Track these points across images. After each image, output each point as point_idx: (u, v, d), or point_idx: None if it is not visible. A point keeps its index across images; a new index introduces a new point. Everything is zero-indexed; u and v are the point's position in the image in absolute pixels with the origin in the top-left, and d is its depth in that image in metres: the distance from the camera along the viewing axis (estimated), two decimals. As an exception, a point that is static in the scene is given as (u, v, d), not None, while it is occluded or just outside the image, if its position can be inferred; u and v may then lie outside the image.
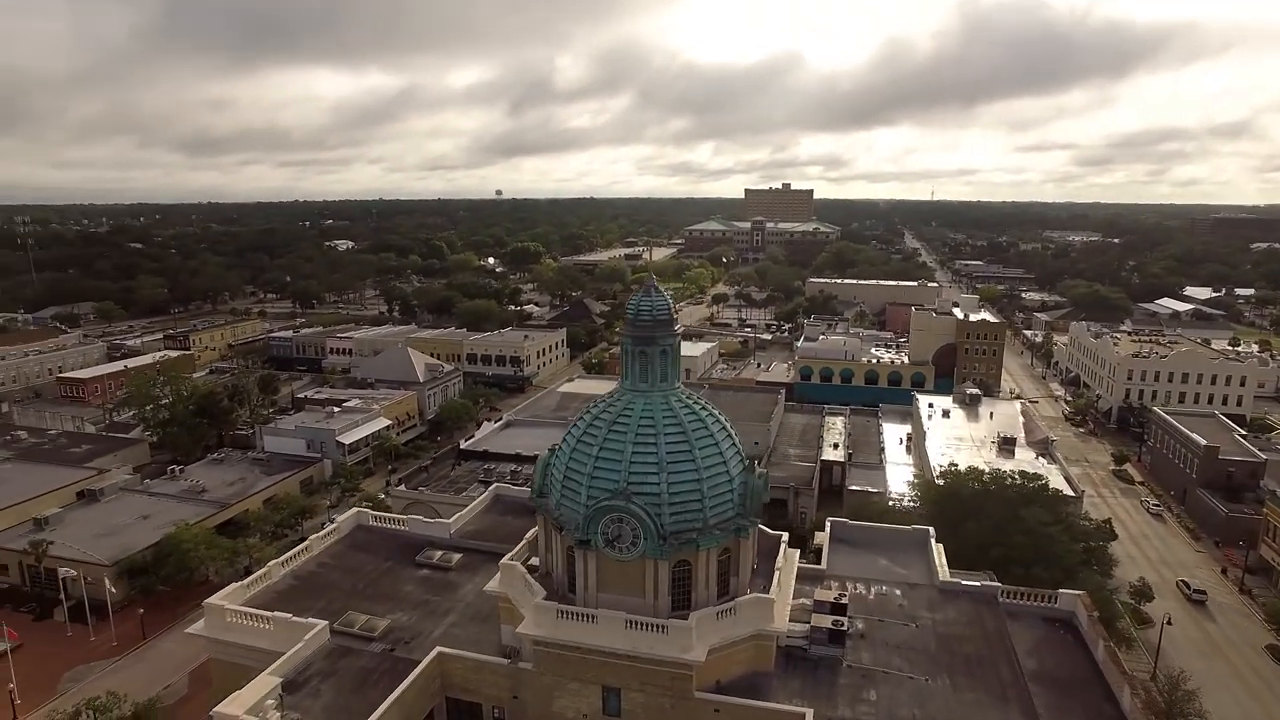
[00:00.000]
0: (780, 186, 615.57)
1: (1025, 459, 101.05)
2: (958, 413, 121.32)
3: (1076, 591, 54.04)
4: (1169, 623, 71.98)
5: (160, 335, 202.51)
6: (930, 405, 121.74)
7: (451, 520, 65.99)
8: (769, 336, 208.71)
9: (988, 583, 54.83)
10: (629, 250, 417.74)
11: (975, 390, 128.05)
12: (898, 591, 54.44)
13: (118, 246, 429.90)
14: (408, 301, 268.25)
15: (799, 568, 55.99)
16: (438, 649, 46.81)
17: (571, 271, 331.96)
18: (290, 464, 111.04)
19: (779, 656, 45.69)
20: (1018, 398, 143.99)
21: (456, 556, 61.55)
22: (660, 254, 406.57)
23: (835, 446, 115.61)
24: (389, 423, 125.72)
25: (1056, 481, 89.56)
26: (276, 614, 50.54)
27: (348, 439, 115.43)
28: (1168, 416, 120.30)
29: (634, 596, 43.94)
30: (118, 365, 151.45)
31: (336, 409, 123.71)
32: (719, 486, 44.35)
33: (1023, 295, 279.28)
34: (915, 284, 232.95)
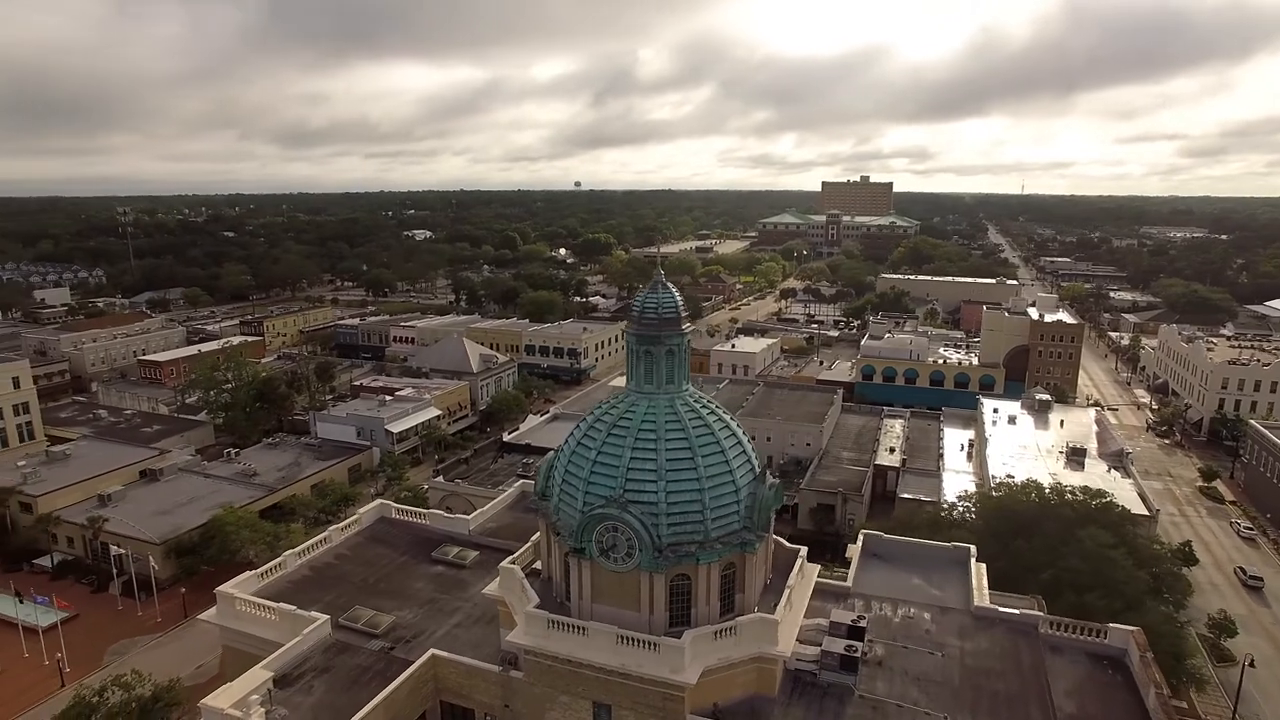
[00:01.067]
0: (859, 179, 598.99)
1: (1096, 472, 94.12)
2: (1025, 419, 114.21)
3: (1129, 627, 48.91)
4: (1251, 664, 65.27)
5: (237, 321, 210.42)
6: (995, 411, 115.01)
7: (472, 516, 65.06)
8: (835, 333, 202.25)
9: (1029, 611, 50.25)
10: (700, 243, 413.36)
11: (1045, 396, 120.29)
12: (927, 615, 50.46)
13: (211, 235, 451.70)
14: (475, 291, 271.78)
15: (823, 584, 52.80)
16: (431, 651, 45.68)
17: (640, 263, 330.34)
18: (340, 451, 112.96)
19: (785, 681, 42.75)
20: (1095, 405, 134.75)
21: (472, 554, 60.54)
22: (732, 247, 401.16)
23: (891, 451, 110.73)
24: (439, 413, 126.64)
25: (1128, 498, 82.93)
26: (281, 605, 50.41)
27: (396, 428, 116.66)
28: (1266, 431, 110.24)
29: (629, 610, 41.70)
30: (192, 349, 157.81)
31: (388, 397, 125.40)
32: (723, 497, 41.59)
33: (1111, 295, 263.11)
34: (993, 281, 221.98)
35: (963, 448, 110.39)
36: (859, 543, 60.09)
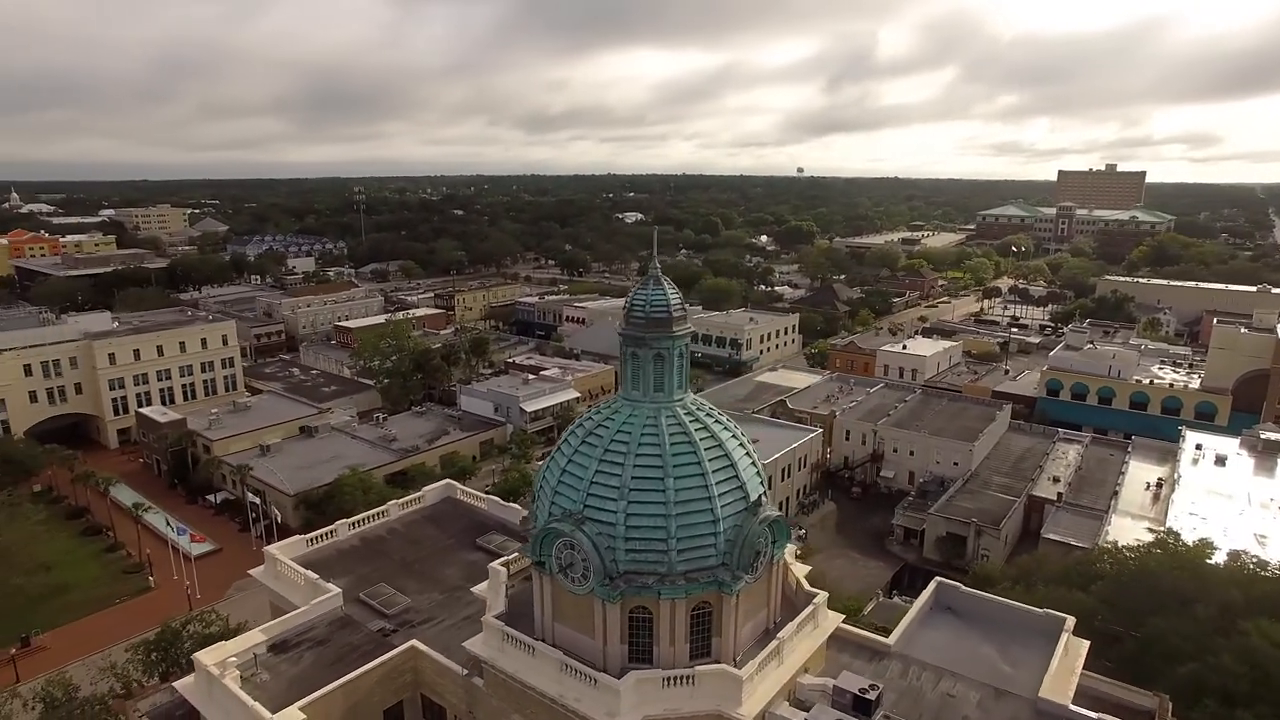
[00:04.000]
0: (1104, 168, 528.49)
1: (1320, 539, 74.71)
2: (1240, 462, 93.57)
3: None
4: None
5: (432, 294, 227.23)
6: (1198, 447, 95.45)
7: (523, 506, 63.90)
8: (1036, 340, 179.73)
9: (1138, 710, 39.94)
10: (908, 234, 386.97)
11: (1277, 436, 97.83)
12: (975, 696, 41.75)
13: (441, 212, 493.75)
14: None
15: (858, 636, 45.81)
16: (412, 643, 44.88)
17: (837, 254, 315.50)
18: (478, 424, 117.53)
19: (757, 747, 36.97)
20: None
21: (515, 545, 59.25)
22: (945, 240, 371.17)
23: (1054, 481, 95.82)
24: (577, 395, 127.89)
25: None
26: (306, 573, 52.13)
27: (531, 406, 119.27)
28: None
29: (586, 635, 38.06)
30: (380, 318, 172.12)
31: (532, 376, 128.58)
32: (696, 527, 36.46)
33: None
34: (1253, 289, 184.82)
35: (1148, 487, 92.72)
36: (928, 591, 51.59)
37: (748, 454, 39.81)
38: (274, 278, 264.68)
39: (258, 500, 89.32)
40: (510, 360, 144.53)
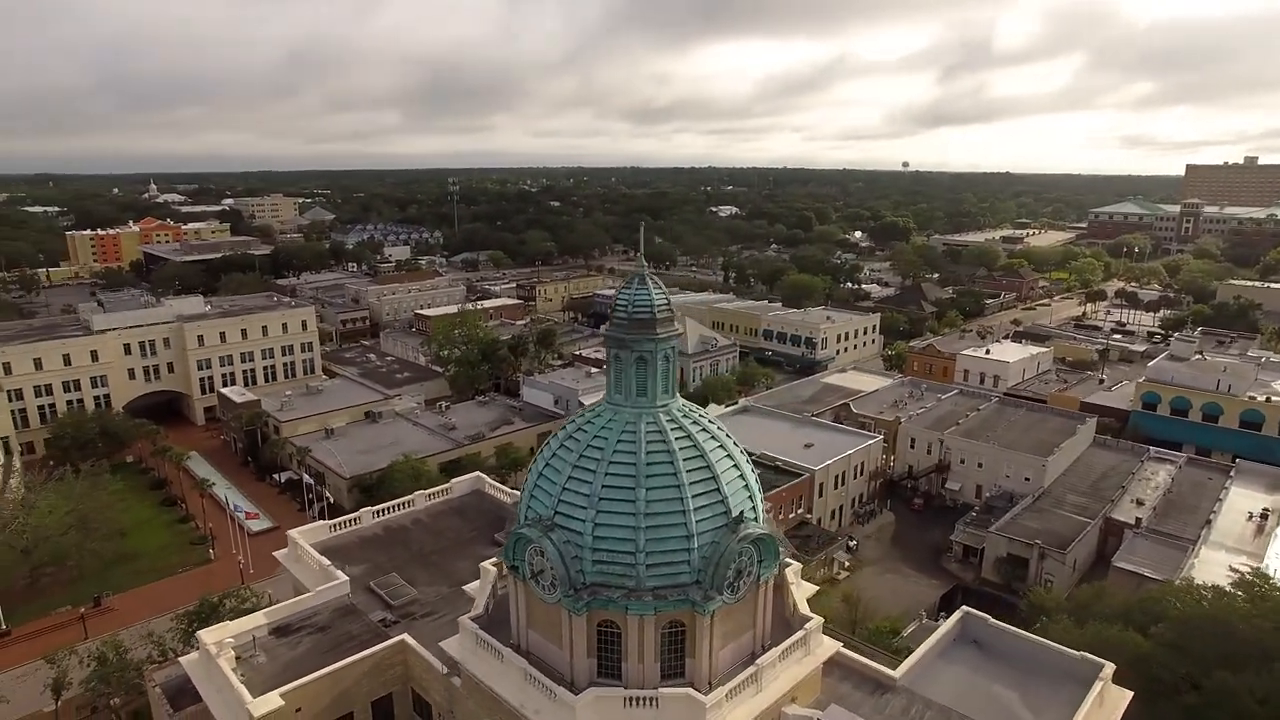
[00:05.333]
0: (1243, 161, 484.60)
1: None
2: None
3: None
4: None
5: (514, 284, 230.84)
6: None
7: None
8: (1141, 348, 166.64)
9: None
10: (1011, 232, 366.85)
11: None
12: (981, 741, 38.25)
13: (538, 204, 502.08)
14: (743, 270, 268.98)
15: (870, 667, 42.85)
16: (403, 636, 44.89)
17: (931, 251, 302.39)
18: (538, 416, 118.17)
19: (724, 777, 34.87)
20: None
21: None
22: (1052, 238, 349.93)
23: (1138, 503, 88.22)
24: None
25: None
26: (320, 558, 53.11)
27: (589, 400, 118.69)
28: None
29: (555, 645, 36.84)
30: (453, 308, 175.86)
31: (594, 370, 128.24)
32: (668, 541, 34.61)
33: None
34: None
35: (1250, 517, 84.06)
36: (952, 620, 47.86)
37: (735, 466, 37.54)
38: (368, 265, 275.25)
39: (312, 481, 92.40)
40: (578, 353, 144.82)
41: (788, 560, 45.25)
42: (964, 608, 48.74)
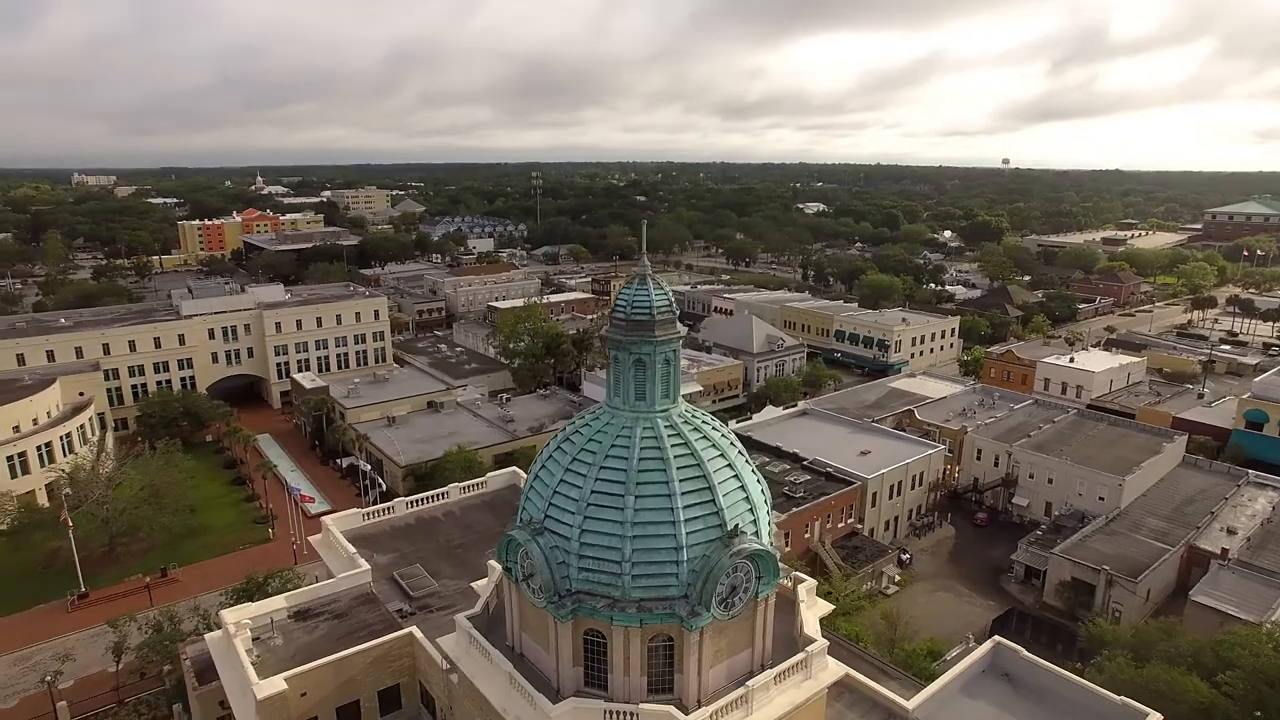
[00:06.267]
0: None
1: None
2: None
3: None
4: None
5: (589, 278, 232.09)
6: None
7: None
8: (1254, 360, 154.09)
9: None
10: (1112, 234, 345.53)
11: None
12: (993, 782, 35.61)
13: (623, 198, 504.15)
14: (821, 269, 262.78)
15: (883, 695, 40.70)
16: (410, 629, 45.26)
17: (1024, 253, 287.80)
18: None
19: (710, 800, 33.55)
20: None
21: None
22: (1161, 240, 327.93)
23: (1229, 532, 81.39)
24: (699, 388, 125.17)
25: None
26: (347, 546, 54.27)
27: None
28: None
29: (544, 650, 36.28)
30: (519, 301, 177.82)
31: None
32: (656, 552, 33.47)
33: None
34: None
35: (1356, 553, 76.28)
36: (980, 651, 44.90)
37: (735, 477, 35.97)
38: (451, 257, 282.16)
39: (369, 468, 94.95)
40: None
41: (801, 577, 43.49)
42: (995, 637, 45.68)
